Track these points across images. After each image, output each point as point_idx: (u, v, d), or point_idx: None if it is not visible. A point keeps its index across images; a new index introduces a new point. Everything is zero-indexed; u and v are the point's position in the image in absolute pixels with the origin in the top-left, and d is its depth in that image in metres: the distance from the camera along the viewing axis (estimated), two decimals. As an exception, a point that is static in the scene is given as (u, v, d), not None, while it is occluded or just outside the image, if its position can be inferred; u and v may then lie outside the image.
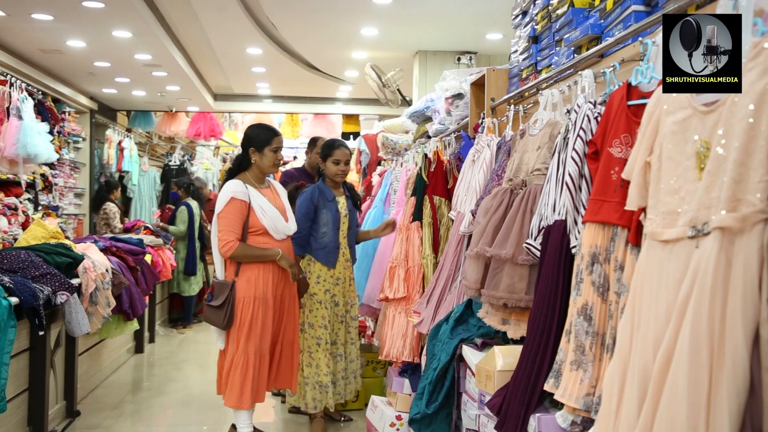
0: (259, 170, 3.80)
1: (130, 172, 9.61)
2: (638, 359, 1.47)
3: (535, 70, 3.28)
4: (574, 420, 1.92)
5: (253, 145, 3.76)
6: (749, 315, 1.22)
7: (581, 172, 2.10)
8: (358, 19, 6.10)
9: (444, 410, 3.01)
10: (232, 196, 3.61)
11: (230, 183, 3.70)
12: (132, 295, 5.08)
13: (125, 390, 5.37)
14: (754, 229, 1.25)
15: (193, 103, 9.68)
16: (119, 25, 5.89)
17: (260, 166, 3.78)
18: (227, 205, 3.61)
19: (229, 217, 3.61)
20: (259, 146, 3.76)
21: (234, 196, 3.61)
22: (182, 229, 7.78)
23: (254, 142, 3.76)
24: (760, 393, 1.18)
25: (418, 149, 4.75)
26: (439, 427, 3.01)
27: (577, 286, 1.96)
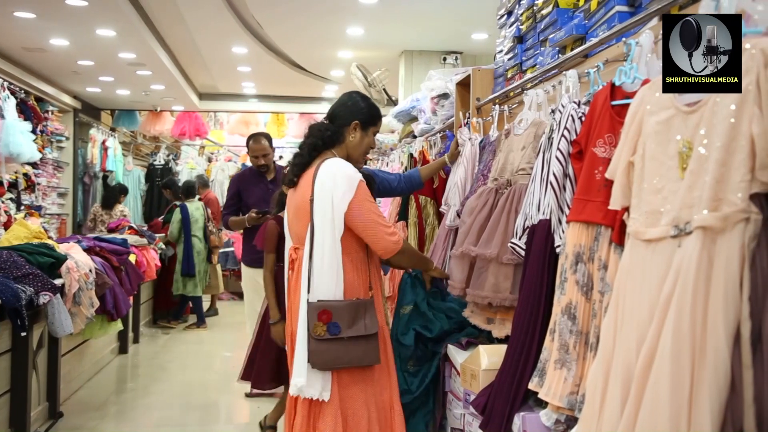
0: (349, 155, 2.72)
1: (114, 172, 9.55)
2: (621, 358, 1.47)
3: (520, 70, 3.29)
4: (558, 418, 1.92)
5: (359, 119, 2.71)
6: (730, 313, 1.23)
7: (566, 171, 2.11)
8: (343, 19, 6.10)
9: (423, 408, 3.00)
10: (360, 179, 2.57)
11: (338, 162, 2.60)
12: (116, 296, 5.04)
13: (109, 391, 5.33)
14: (736, 228, 1.27)
15: (178, 102, 9.64)
16: (103, 24, 5.85)
17: (355, 149, 2.73)
18: (360, 190, 2.55)
19: (374, 203, 2.62)
20: (366, 123, 2.74)
21: (360, 179, 2.58)
22: (174, 233, 7.80)
23: (360, 116, 2.72)
24: (740, 391, 1.19)
25: (403, 149, 4.76)
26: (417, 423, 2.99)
27: (562, 285, 1.97)
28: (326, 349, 2.43)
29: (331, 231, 2.48)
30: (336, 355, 2.44)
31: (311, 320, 2.43)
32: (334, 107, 2.77)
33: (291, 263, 2.68)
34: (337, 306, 2.46)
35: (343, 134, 2.70)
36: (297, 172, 2.67)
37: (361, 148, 2.75)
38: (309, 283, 2.49)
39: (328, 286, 2.47)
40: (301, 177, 2.65)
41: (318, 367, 2.43)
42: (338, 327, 2.44)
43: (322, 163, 2.58)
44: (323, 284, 2.47)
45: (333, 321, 2.44)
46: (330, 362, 2.44)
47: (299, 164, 2.67)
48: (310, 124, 2.78)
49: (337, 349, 2.44)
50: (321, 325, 2.43)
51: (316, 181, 2.53)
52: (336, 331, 2.43)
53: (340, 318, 2.45)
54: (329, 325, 2.43)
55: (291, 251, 2.69)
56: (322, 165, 2.57)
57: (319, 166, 2.57)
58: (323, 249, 2.47)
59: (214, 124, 13.21)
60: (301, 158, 2.67)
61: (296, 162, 2.70)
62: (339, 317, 2.45)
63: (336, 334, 2.43)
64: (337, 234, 2.49)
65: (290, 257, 2.69)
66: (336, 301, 2.47)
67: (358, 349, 2.47)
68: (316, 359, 2.42)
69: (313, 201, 2.52)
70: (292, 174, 2.70)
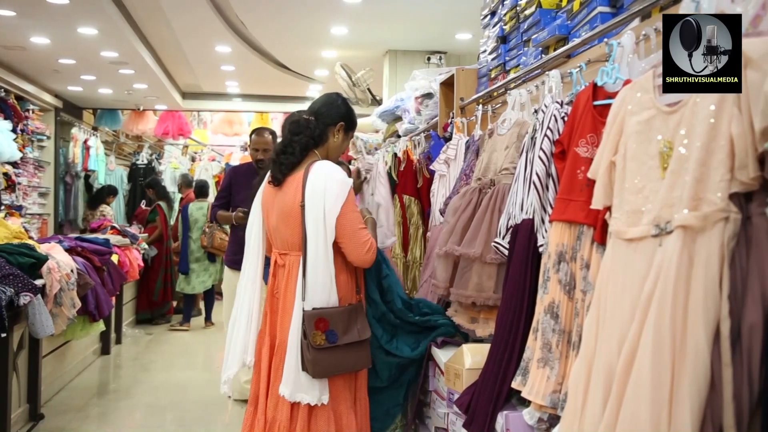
0: (328, 155, 2.70)
1: (96, 171, 9.46)
2: (603, 356, 1.48)
3: (503, 70, 3.30)
4: (541, 417, 1.93)
5: (344, 121, 2.71)
6: (710, 312, 1.24)
7: (548, 171, 2.12)
8: (327, 18, 6.08)
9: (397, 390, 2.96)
10: (350, 184, 2.56)
11: (330, 166, 2.56)
12: (98, 296, 5.00)
13: (91, 392, 5.29)
14: (715, 227, 1.28)
15: (161, 101, 9.57)
16: (84, 22, 5.79)
17: (335, 151, 2.73)
18: (351, 197, 2.54)
19: (359, 213, 2.61)
20: (348, 126, 2.74)
21: (351, 185, 2.57)
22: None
23: (346, 118, 2.72)
24: (720, 388, 1.21)
25: (388, 148, 4.76)
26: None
27: (544, 284, 1.98)
28: (325, 358, 2.42)
29: (324, 237, 2.46)
30: (334, 363, 2.44)
31: (308, 329, 2.40)
32: (318, 105, 2.70)
33: (275, 268, 2.63)
34: (333, 313, 2.45)
35: (327, 134, 2.67)
36: (285, 172, 2.59)
37: (340, 150, 2.75)
38: (304, 290, 2.45)
39: (323, 292, 2.44)
40: (288, 177, 2.59)
41: (318, 376, 2.43)
42: (335, 335, 2.43)
43: (312, 165, 2.54)
44: (318, 291, 2.44)
45: (330, 329, 2.42)
46: (329, 370, 2.45)
47: (289, 164, 2.59)
48: (294, 120, 2.67)
49: (334, 357, 2.44)
50: (320, 333, 2.40)
51: (307, 185, 2.49)
52: (334, 339, 2.42)
53: (336, 325, 2.44)
54: (327, 333, 2.42)
55: (276, 256, 2.63)
56: (312, 168, 2.53)
57: (309, 169, 2.53)
58: (317, 255, 2.44)
59: (197, 123, 13.14)
60: (293, 157, 2.59)
61: (286, 161, 2.59)
62: (335, 324, 2.43)
63: (334, 342, 2.42)
64: (329, 239, 2.47)
65: (275, 262, 2.63)
66: (330, 308, 2.45)
67: (353, 355, 2.50)
68: (317, 369, 2.41)
69: (304, 207, 2.47)
70: (279, 173, 2.59)
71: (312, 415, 2.48)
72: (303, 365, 2.43)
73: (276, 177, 2.60)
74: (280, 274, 2.61)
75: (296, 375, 2.44)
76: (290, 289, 2.53)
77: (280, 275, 2.61)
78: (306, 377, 2.43)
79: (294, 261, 2.54)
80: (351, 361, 2.49)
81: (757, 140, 1.23)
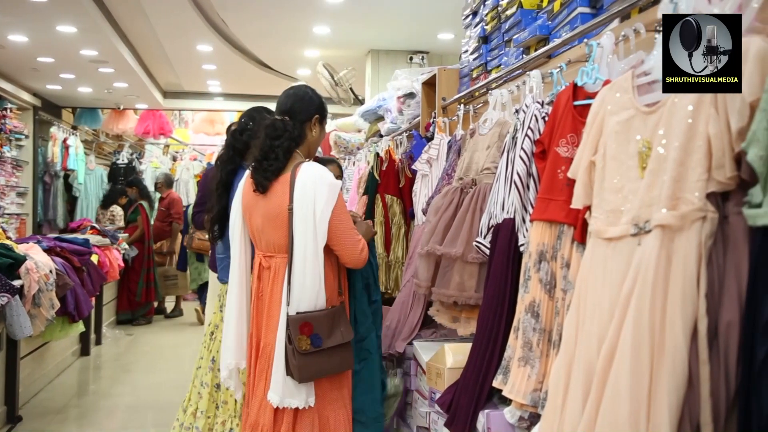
0: (309, 152, 2.67)
1: (75, 171, 9.37)
2: (583, 354, 1.49)
3: (485, 70, 3.31)
4: (522, 415, 1.94)
5: (319, 113, 2.66)
6: (688, 310, 1.26)
7: (529, 171, 2.13)
8: (310, 18, 6.07)
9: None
10: (340, 186, 2.55)
11: (318, 168, 2.51)
12: (77, 297, 4.95)
13: (70, 393, 5.24)
14: (693, 226, 1.29)
15: (142, 100, 9.50)
16: (63, 20, 5.73)
17: (315, 144, 2.69)
18: (341, 199, 2.51)
19: (348, 213, 2.59)
20: (323, 116, 2.70)
21: (340, 186, 2.56)
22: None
23: (319, 109, 2.66)
24: (697, 386, 1.22)
25: (370, 148, 4.75)
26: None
27: (525, 283, 1.99)
28: (311, 362, 2.38)
29: (314, 241, 2.41)
30: (319, 367, 2.42)
31: (294, 334, 2.37)
32: (291, 103, 2.62)
33: (260, 270, 2.60)
34: (317, 316, 2.41)
35: (305, 131, 2.61)
36: (271, 178, 2.52)
37: (319, 142, 2.70)
38: (289, 295, 2.42)
39: (311, 296, 2.40)
40: (274, 182, 2.53)
41: (303, 381, 2.40)
42: (320, 339, 2.40)
43: (298, 168, 2.49)
44: (306, 295, 2.40)
45: (315, 333, 2.39)
46: (314, 374, 2.41)
47: (274, 170, 2.52)
48: (269, 123, 2.60)
49: (319, 361, 2.41)
50: (305, 338, 2.37)
51: (295, 188, 2.45)
52: (319, 343, 2.39)
53: (321, 329, 2.41)
54: (312, 338, 2.38)
55: (261, 259, 2.60)
56: (299, 171, 2.48)
57: (296, 171, 2.48)
58: (305, 259, 2.40)
59: (178, 122, 13.06)
60: (278, 163, 2.52)
61: (270, 168, 2.51)
62: (319, 328, 2.40)
63: (319, 346, 2.39)
64: (320, 244, 2.42)
65: (260, 265, 2.60)
66: (313, 312, 2.41)
67: (337, 357, 2.46)
68: (303, 374, 2.38)
69: (292, 210, 2.44)
70: (265, 179, 2.51)
71: (297, 417, 2.46)
72: (288, 370, 2.40)
73: (261, 184, 2.51)
74: (266, 277, 2.57)
75: (284, 381, 2.42)
76: (276, 291, 2.51)
77: (265, 278, 2.57)
78: (292, 381, 2.41)
79: (280, 263, 2.51)
80: (336, 364, 2.47)
81: (733, 140, 1.24)
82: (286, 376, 2.41)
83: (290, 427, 2.44)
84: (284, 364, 2.41)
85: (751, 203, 1.18)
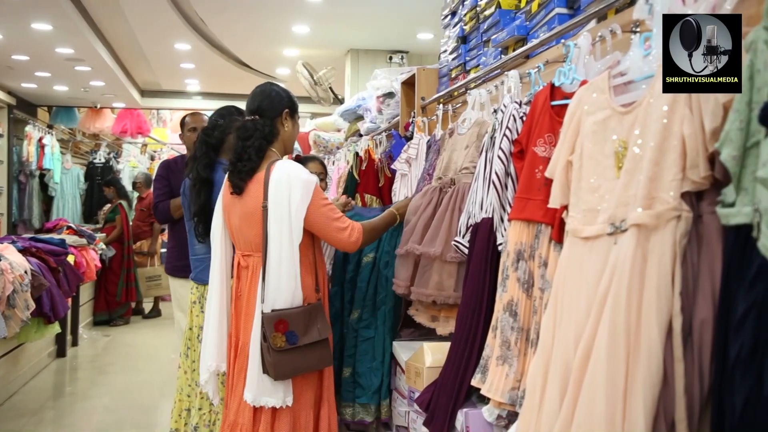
0: (285, 147, 2.71)
1: (51, 170, 9.25)
2: (560, 353, 1.50)
3: (463, 70, 3.32)
4: (500, 414, 1.95)
5: (288, 107, 2.68)
6: (663, 308, 1.27)
7: (507, 170, 2.14)
8: (289, 17, 6.05)
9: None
10: (316, 182, 2.54)
11: (293, 166, 2.53)
12: (53, 297, 4.89)
13: (46, 396, 5.18)
14: (668, 225, 1.30)
15: (119, 99, 9.40)
16: (38, 17, 5.65)
17: (289, 139, 2.72)
18: (317, 193, 2.51)
19: (330, 203, 2.59)
20: (293, 109, 2.71)
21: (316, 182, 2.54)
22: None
23: (288, 103, 2.68)
24: (672, 383, 1.23)
25: (349, 147, 4.75)
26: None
27: (503, 282, 2.00)
28: (286, 360, 2.38)
29: (289, 238, 2.42)
30: (295, 364, 2.41)
31: (268, 331, 2.37)
32: (258, 102, 2.64)
33: (239, 269, 2.60)
34: (292, 314, 2.41)
35: (277, 127, 2.63)
36: (246, 178, 2.54)
37: (294, 136, 2.72)
38: (263, 292, 2.42)
39: (287, 294, 2.41)
40: (249, 182, 2.54)
41: (280, 378, 2.40)
42: (296, 336, 2.40)
43: (272, 166, 2.50)
44: (282, 293, 2.40)
45: (290, 330, 2.39)
46: (290, 372, 2.42)
47: (248, 170, 2.54)
48: (239, 125, 2.64)
49: (295, 358, 2.40)
50: (280, 336, 2.37)
51: (269, 186, 2.46)
52: (295, 340, 2.39)
53: (296, 326, 2.40)
54: (288, 335, 2.38)
55: (239, 258, 2.61)
56: (273, 169, 2.49)
57: (270, 169, 2.49)
58: (280, 257, 2.41)
59: (156, 121, 12.94)
60: (251, 163, 2.54)
61: (244, 168, 2.53)
62: (295, 325, 2.40)
63: (295, 344, 2.39)
64: (296, 241, 2.43)
65: (238, 264, 2.61)
66: (289, 309, 2.41)
67: (315, 354, 2.46)
68: (279, 371, 2.38)
69: (266, 208, 2.45)
70: (240, 180, 2.53)
71: (275, 417, 2.46)
72: (264, 368, 2.41)
73: (237, 185, 2.53)
74: (244, 276, 2.58)
75: (259, 379, 2.41)
76: (253, 290, 2.51)
77: (243, 277, 2.59)
78: (269, 380, 2.41)
79: (258, 262, 2.51)
80: (313, 361, 2.47)
81: (707, 140, 1.26)
82: (263, 375, 2.41)
83: (269, 426, 2.44)
84: (260, 362, 2.41)
85: (724, 202, 1.19)
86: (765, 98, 1.08)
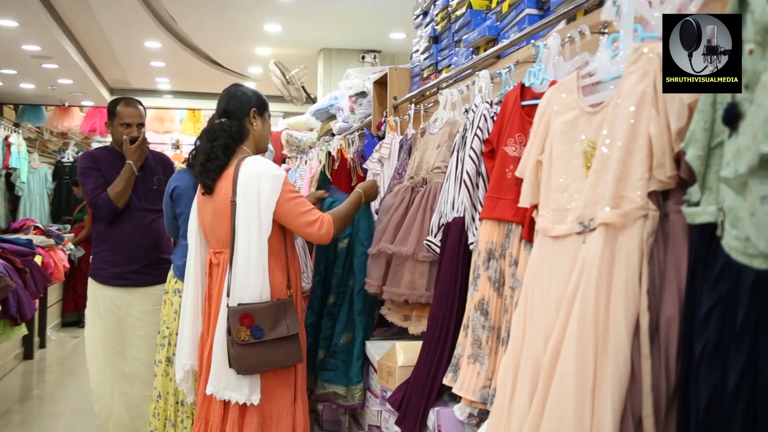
0: (257, 145, 2.73)
1: (18, 169, 9.08)
2: (530, 351, 1.51)
3: (435, 70, 3.33)
4: (472, 412, 1.96)
5: (255, 106, 2.70)
6: (630, 306, 1.28)
7: (478, 170, 2.15)
8: (261, 15, 6.02)
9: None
10: (284, 175, 2.54)
11: (261, 161, 2.57)
12: (20, 299, 4.79)
13: (12, 398, 5.08)
14: (635, 224, 1.32)
15: (88, 97, 9.26)
16: (3, 14, 5.54)
17: (260, 137, 2.74)
18: (286, 187, 2.51)
19: (300, 196, 2.59)
20: (261, 108, 2.74)
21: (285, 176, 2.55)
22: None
23: (255, 102, 2.71)
24: (639, 380, 1.25)
25: (322, 147, 4.73)
26: None
27: (475, 281, 2.01)
28: (250, 354, 2.39)
29: (258, 232, 2.43)
30: (260, 358, 2.41)
31: (233, 325, 2.38)
32: (224, 104, 2.69)
33: (210, 267, 2.62)
34: (259, 308, 2.41)
35: (245, 126, 2.66)
36: (215, 177, 2.56)
37: (265, 134, 2.75)
38: (229, 287, 2.43)
39: (254, 288, 2.42)
40: (218, 181, 2.56)
41: (243, 372, 2.39)
42: (261, 330, 2.40)
43: (242, 162, 2.52)
44: (249, 287, 2.42)
45: (256, 324, 2.39)
46: (255, 366, 2.41)
47: (216, 168, 2.56)
48: (207, 128, 2.67)
49: (260, 353, 2.40)
50: (244, 329, 2.37)
51: (238, 181, 2.47)
52: (260, 334, 2.39)
53: (263, 321, 2.41)
54: (252, 329, 2.38)
55: (210, 255, 2.63)
56: (242, 164, 2.51)
57: (239, 165, 2.51)
58: (249, 250, 2.43)
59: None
60: (218, 161, 2.56)
61: (213, 167, 2.55)
62: (261, 320, 2.40)
63: (260, 338, 2.39)
64: (264, 235, 2.45)
65: (210, 262, 2.63)
66: (256, 303, 2.41)
67: (282, 350, 2.46)
68: (242, 364, 2.38)
69: (235, 202, 2.46)
70: (209, 179, 2.56)
71: (244, 415, 2.45)
72: (229, 362, 2.41)
73: (207, 185, 2.57)
74: (215, 274, 2.60)
75: (222, 372, 2.42)
76: (223, 286, 2.51)
77: (215, 274, 2.60)
78: (233, 375, 2.41)
79: (228, 258, 2.52)
80: (279, 357, 2.46)
81: (673, 140, 1.28)
82: (229, 369, 2.41)
83: (237, 424, 2.44)
84: (223, 355, 2.42)
85: (689, 202, 1.21)
86: (729, 99, 1.10)
